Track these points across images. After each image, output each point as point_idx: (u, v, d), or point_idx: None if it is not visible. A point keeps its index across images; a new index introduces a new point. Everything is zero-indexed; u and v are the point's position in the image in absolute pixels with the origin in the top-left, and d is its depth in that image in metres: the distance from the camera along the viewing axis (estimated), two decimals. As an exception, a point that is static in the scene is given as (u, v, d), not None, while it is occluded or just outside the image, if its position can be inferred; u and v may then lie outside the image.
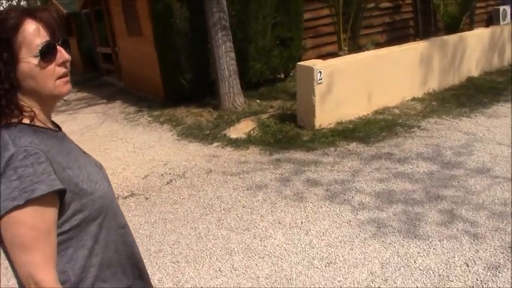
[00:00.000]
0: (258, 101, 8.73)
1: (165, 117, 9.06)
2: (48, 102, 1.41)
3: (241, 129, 7.41)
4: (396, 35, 13.58)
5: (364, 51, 8.63)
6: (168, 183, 5.92)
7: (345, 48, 8.47)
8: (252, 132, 7.28)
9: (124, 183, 6.04)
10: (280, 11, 9.79)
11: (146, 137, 8.06)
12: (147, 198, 5.54)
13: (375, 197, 4.82)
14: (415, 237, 3.98)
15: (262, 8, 9.46)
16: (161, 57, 9.68)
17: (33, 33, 1.31)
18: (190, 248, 4.26)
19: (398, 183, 5.07)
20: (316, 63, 6.87)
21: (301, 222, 4.50)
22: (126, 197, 5.64)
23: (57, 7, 16.90)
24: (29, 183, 1.21)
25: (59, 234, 1.32)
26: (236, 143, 7.03)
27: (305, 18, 10.67)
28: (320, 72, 6.71)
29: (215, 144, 7.19)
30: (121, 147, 7.67)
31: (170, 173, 6.21)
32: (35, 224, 1.23)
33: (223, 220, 4.74)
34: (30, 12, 1.34)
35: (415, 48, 8.28)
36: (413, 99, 8.20)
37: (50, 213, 1.27)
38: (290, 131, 7.11)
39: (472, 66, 9.66)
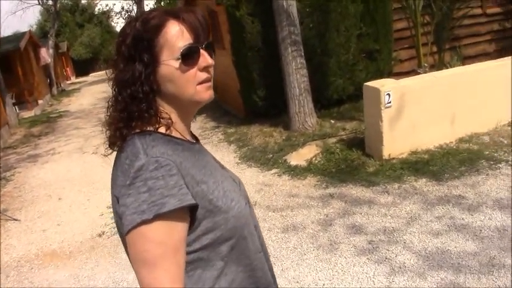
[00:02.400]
0: (332, 121, 7.98)
1: (236, 136, 8.64)
2: (188, 108, 1.34)
3: (303, 155, 6.73)
4: (508, 44, 12.05)
5: (448, 67, 7.47)
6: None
7: (426, 65, 7.39)
8: (314, 159, 6.57)
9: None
10: (365, 21, 8.94)
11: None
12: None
13: (422, 258, 3.93)
14: (451, 326, 3.10)
15: (344, 18, 8.69)
16: (238, 72, 9.28)
17: (175, 35, 1.24)
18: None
19: (458, 241, 4.11)
20: (385, 84, 5.99)
21: (323, 285, 3.76)
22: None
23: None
24: (159, 196, 1.12)
25: (188, 253, 1.22)
26: (294, 171, 6.38)
27: (399, 27, 9.67)
28: (388, 94, 5.83)
29: (273, 170, 6.61)
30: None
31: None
32: (162, 240, 1.14)
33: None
34: (173, 13, 1.27)
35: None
36: (510, 123, 6.94)
37: (179, 230, 1.18)
38: (356, 159, 6.30)
39: None
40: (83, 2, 39.66)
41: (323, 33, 8.58)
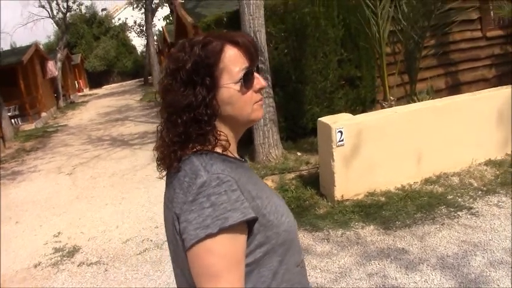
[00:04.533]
0: (298, 153, 7.54)
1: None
2: (241, 128, 1.40)
3: (258, 191, 6.29)
4: (509, 69, 11.49)
5: (416, 101, 6.96)
6: (141, 252, 5.30)
7: (392, 98, 6.91)
8: (267, 196, 6.12)
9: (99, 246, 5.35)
10: (346, 47, 8.53)
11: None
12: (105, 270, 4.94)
13: (333, 327, 3.48)
14: None
15: (322, 44, 8.28)
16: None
17: (234, 59, 1.31)
18: None
19: (380, 308, 3.64)
20: (338, 120, 5.54)
21: None
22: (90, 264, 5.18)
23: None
24: (222, 211, 1.17)
25: None
26: (243, 209, 5.95)
27: (386, 52, 9.20)
28: (341, 132, 5.39)
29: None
30: (136, 197, 7.14)
31: (152, 240, 5.51)
32: (227, 253, 1.18)
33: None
34: (229, 38, 1.33)
35: (493, 97, 6.49)
36: (488, 162, 6.40)
37: (241, 242, 1.22)
38: (308, 199, 5.85)
39: None
40: (99, 14, 39.96)
41: (299, 59, 8.19)
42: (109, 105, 23.10)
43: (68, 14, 27.21)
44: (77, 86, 34.82)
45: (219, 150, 1.31)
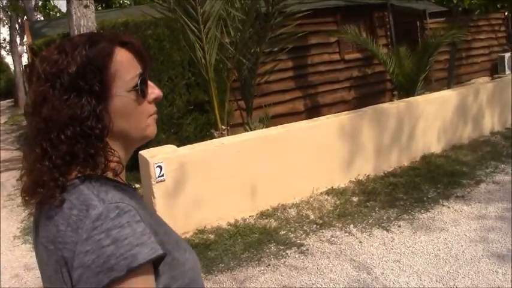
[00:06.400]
0: (137, 185, 6.95)
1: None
2: (133, 147, 1.16)
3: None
4: (368, 91, 11.75)
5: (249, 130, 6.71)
6: None
7: (223, 127, 6.59)
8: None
9: None
10: (195, 70, 8.13)
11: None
12: None
13: None
14: None
15: (167, 68, 7.83)
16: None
17: (126, 64, 1.08)
18: None
19: None
20: (158, 154, 5.07)
21: None
22: None
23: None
24: (128, 247, 0.91)
25: None
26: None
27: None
28: (160, 167, 4.91)
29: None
30: None
31: None
32: None
33: None
34: (119, 38, 1.10)
35: (330, 124, 6.37)
36: (329, 191, 6.22)
37: (152, 284, 0.97)
38: (133, 240, 5.29)
39: (431, 140, 7.62)
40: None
41: (141, 83, 7.66)
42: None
43: None
44: None
45: (109, 174, 1.05)
